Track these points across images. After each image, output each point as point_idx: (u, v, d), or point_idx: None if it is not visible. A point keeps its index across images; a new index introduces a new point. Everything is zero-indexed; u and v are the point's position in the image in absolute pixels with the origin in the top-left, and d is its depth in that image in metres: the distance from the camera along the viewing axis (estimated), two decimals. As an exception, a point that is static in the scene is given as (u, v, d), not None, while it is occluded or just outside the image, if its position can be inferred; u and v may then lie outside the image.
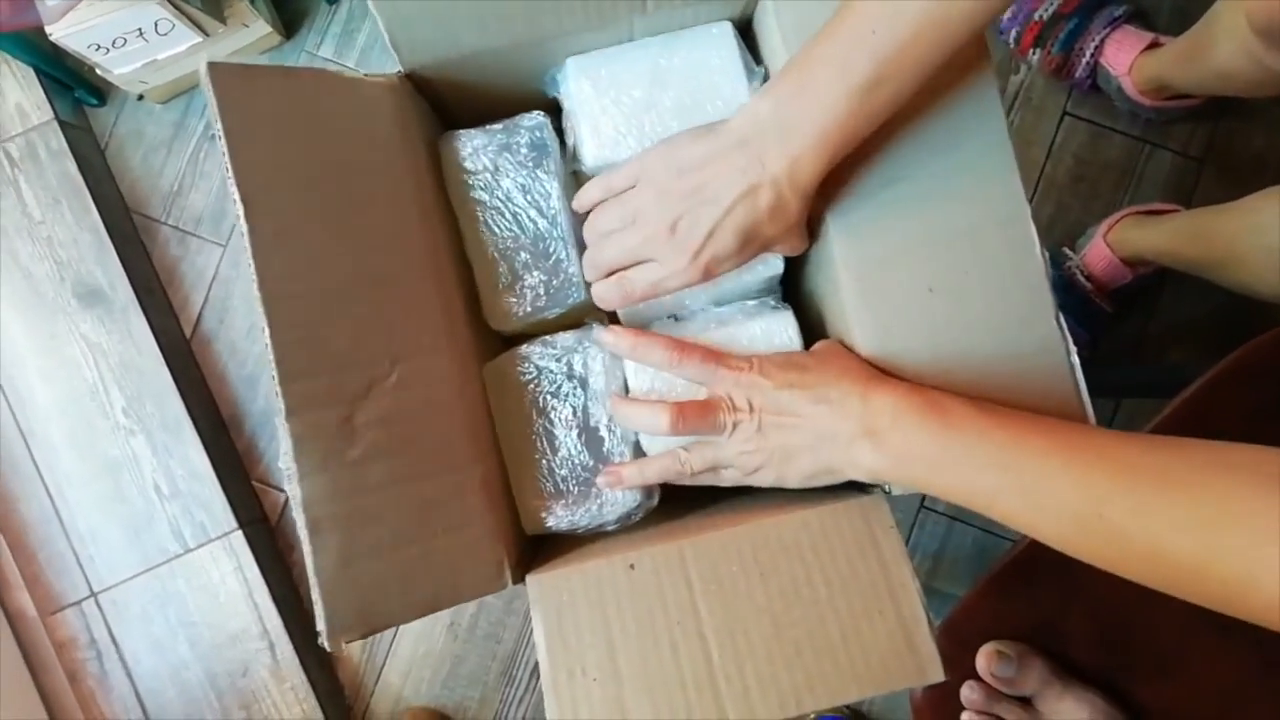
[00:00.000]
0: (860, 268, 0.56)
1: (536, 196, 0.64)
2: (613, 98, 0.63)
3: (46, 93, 1.25)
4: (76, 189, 1.25)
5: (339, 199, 0.54)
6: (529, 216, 0.64)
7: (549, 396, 0.63)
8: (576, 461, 0.62)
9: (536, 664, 1.28)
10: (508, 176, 0.64)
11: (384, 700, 1.31)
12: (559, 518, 0.62)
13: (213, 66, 0.50)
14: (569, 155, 0.65)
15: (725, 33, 0.63)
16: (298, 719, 1.25)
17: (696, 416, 0.55)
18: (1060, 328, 0.55)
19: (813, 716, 1.19)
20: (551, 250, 0.64)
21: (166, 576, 1.26)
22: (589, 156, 0.63)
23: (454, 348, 0.59)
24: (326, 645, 0.49)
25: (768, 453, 0.55)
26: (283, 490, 1.31)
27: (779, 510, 0.56)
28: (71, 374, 1.25)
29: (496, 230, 0.64)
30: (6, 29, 1.11)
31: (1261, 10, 0.79)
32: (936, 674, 0.51)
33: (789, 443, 0.54)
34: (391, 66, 0.61)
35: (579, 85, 0.63)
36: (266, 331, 0.49)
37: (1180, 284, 1.10)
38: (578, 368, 0.63)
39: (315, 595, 0.49)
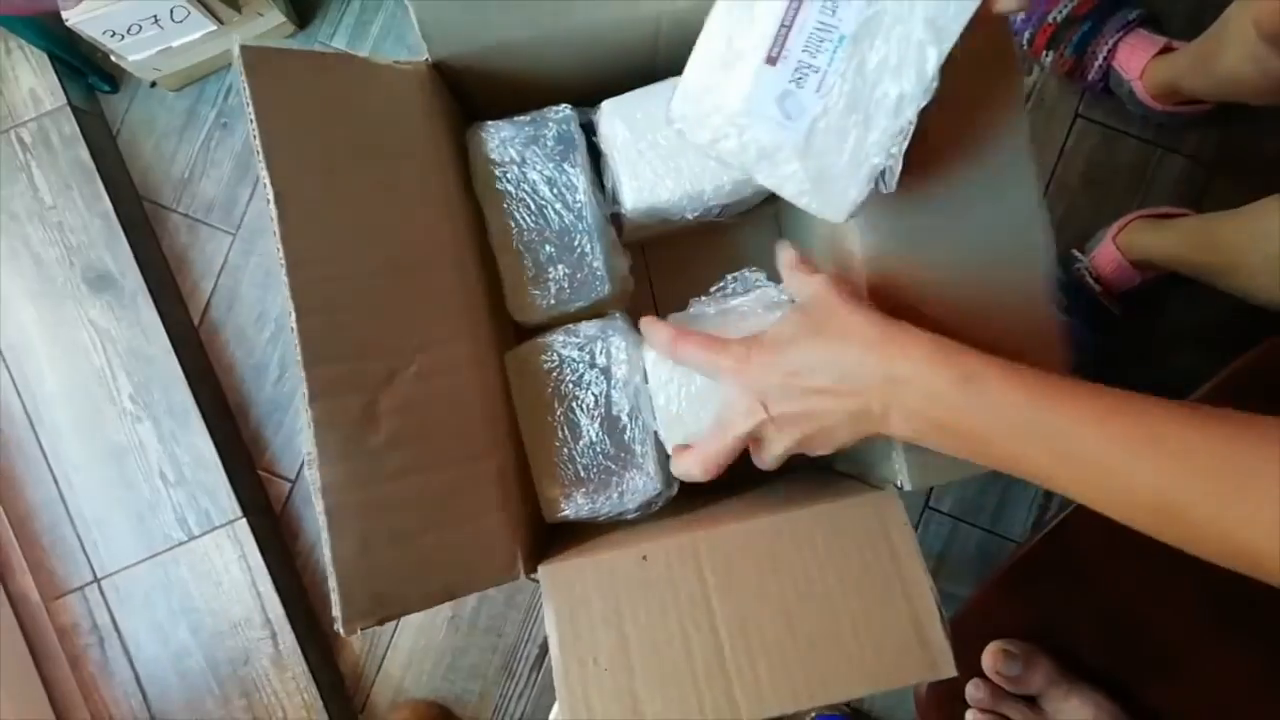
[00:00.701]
0: (874, 255, 0.56)
1: (562, 189, 0.64)
2: (649, 140, 0.63)
3: (60, 78, 1.25)
4: (88, 175, 1.25)
5: (365, 185, 0.55)
6: (555, 209, 0.64)
7: (571, 385, 0.63)
8: (598, 450, 0.63)
9: (537, 658, 1.29)
10: (534, 169, 0.65)
11: (384, 691, 1.31)
12: (579, 506, 0.62)
13: (246, 49, 0.50)
14: (608, 197, 0.66)
15: None
16: (298, 708, 1.25)
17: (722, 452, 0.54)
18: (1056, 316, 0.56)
19: (812, 716, 1.19)
20: (576, 243, 0.65)
21: (170, 563, 1.26)
22: (628, 200, 0.63)
23: (474, 337, 0.59)
24: (342, 630, 0.49)
25: (807, 436, 0.52)
26: (288, 479, 1.31)
27: (793, 505, 0.56)
28: (79, 359, 1.25)
29: (522, 222, 0.65)
30: (22, 13, 1.11)
31: (1269, 17, 0.79)
32: (949, 668, 0.51)
33: (820, 427, 0.51)
34: (404, 58, 0.62)
35: (614, 128, 0.64)
36: (293, 315, 0.49)
37: (1189, 288, 1.10)
38: (600, 357, 0.63)
39: (332, 581, 0.49)
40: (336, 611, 0.50)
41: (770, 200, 0.72)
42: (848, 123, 0.48)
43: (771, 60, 0.48)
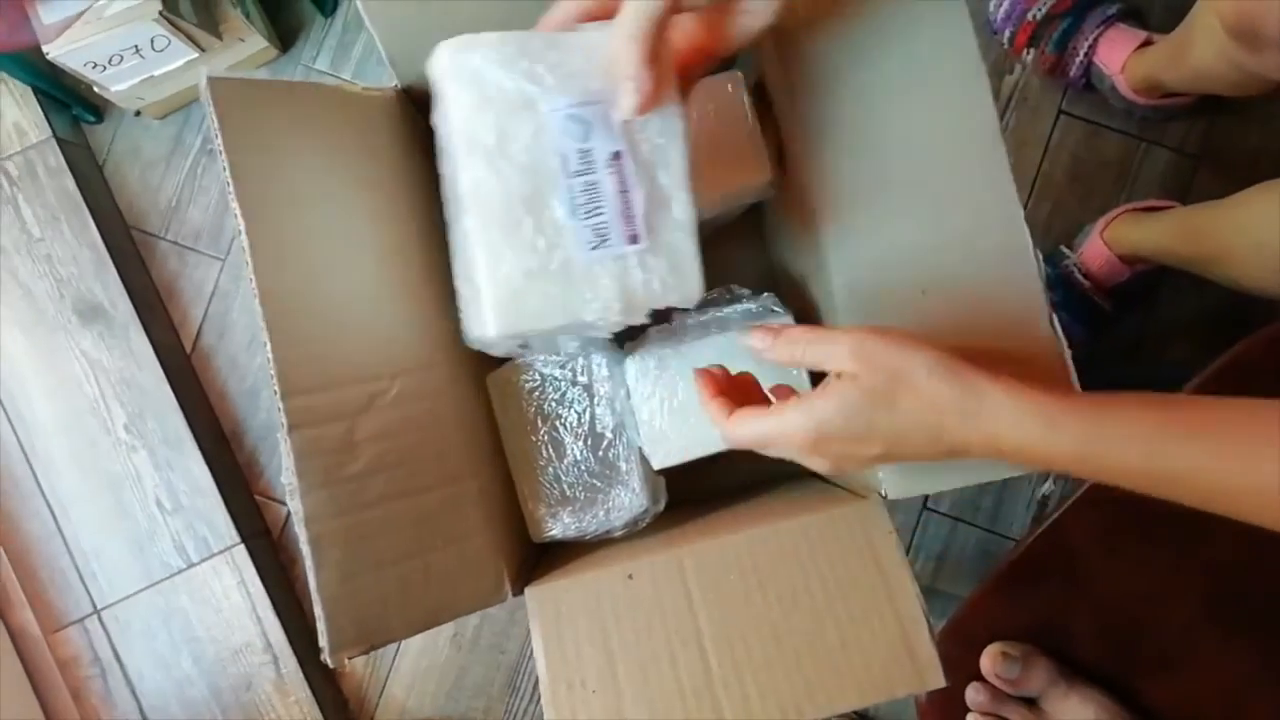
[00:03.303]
0: (852, 270, 0.56)
1: None
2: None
3: (44, 110, 1.25)
4: (75, 206, 1.25)
5: (338, 213, 0.55)
6: None
7: (554, 404, 0.63)
8: (583, 468, 0.63)
9: (541, 673, 1.28)
10: None
11: (388, 713, 1.30)
12: (566, 525, 0.62)
13: (213, 81, 0.50)
14: None
15: (737, 82, 0.64)
16: (303, 732, 1.24)
17: None
18: (1054, 328, 0.55)
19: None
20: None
21: (169, 592, 1.25)
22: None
23: (451, 361, 0.59)
24: (329, 661, 0.49)
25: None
26: (284, 503, 1.31)
27: (778, 517, 0.56)
28: (72, 391, 1.25)
29: None
30: (3, 48, 1.11)
31: (1231, 11, 0.80)
32: (937, 680, 0.51)
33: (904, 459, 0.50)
34: (388, 79, 0.61)
35: None
36: (268, 347, 0.49)
37: (1179, 281, 1.09)
38: (581, 375, 0.63)
39: (318, 611, 0.49)
40: (323, 642, 0.49)
41: (753, 211, 0.72)
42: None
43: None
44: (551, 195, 0.48)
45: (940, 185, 0.56)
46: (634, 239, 0.49)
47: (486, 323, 0.49)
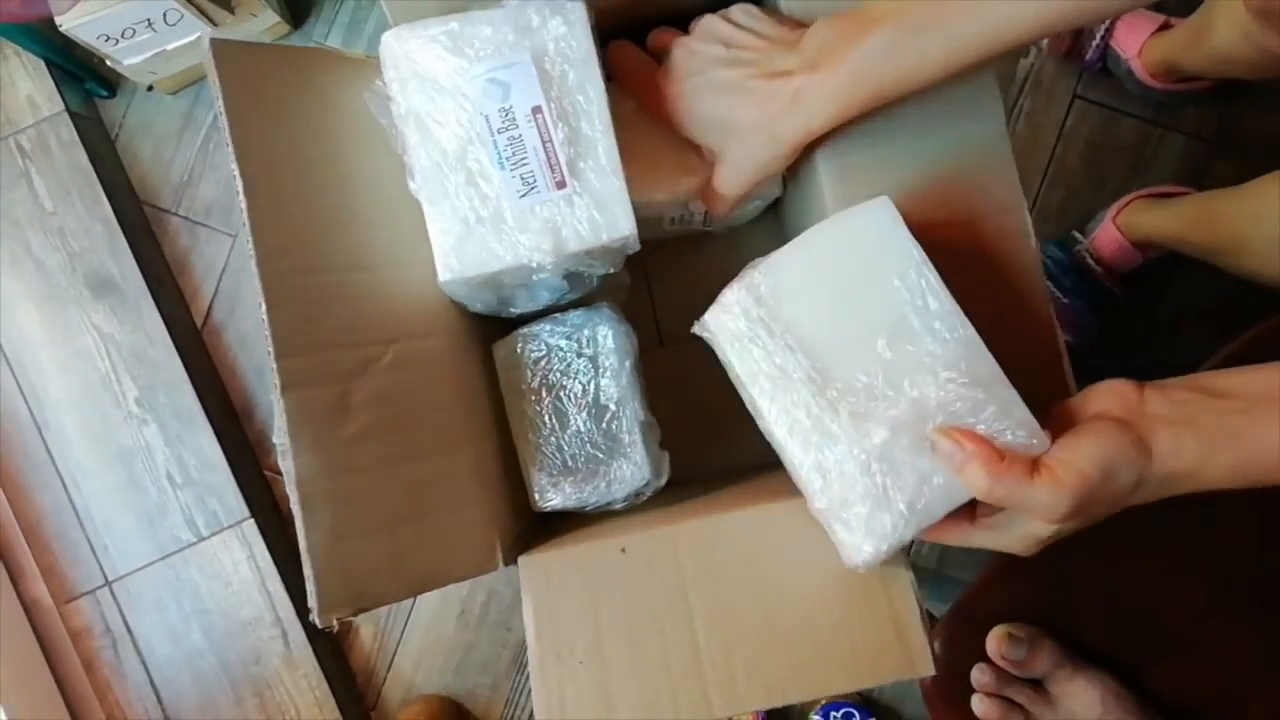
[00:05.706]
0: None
1: None
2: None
3: (57, 84, 1.26)
4: (88, 180, 1.26)
5: (338, 179, 0.55)
6: None
7: (559, 374, 0.63)
8: (586, 439, 0.63)
9: (546, 652, 1.28)
10: None
11: (396, 688, 1.31)
12: (567, 495, 0.62)
13: (215, 43, 0.50)
14: None
15: None
16: (310, 706, 1.25)
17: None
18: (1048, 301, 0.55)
19: (823, 701, 1.18)
20: None
21: (180, 565, 1.27)
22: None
23: (450, 330, 0.59)
24: (318, 621, 0.49)
25: None
26: (294, 479, 1.32)
27: (775, 498, 0.55)
28: (84, 364, 1.26)
29: None
30: (17, 20, 1.12)
31: None
32: (926, 667, 0.50)
33: None
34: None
35: None
36: (263, 307, 0.49)
37: (1191, 267, 1.08)
38: (587, 346, 0.63)
39: (307, 571, 0.49)
40: (312, 602, 0.49)
41: (772, 208, 0.72)
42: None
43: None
44: (480, 151, 0.55)
45: (945, 164, 0.56)
46: (560, 185, 0.55)
47: (438, 270, 0.56)
